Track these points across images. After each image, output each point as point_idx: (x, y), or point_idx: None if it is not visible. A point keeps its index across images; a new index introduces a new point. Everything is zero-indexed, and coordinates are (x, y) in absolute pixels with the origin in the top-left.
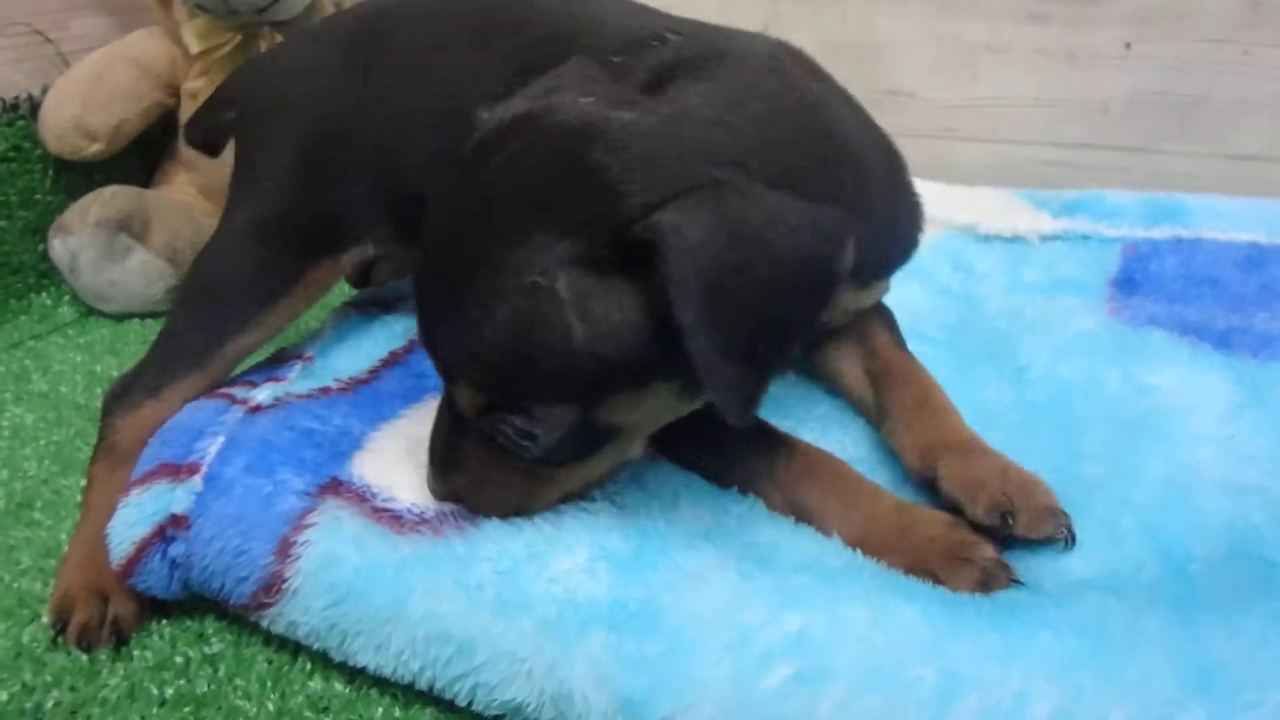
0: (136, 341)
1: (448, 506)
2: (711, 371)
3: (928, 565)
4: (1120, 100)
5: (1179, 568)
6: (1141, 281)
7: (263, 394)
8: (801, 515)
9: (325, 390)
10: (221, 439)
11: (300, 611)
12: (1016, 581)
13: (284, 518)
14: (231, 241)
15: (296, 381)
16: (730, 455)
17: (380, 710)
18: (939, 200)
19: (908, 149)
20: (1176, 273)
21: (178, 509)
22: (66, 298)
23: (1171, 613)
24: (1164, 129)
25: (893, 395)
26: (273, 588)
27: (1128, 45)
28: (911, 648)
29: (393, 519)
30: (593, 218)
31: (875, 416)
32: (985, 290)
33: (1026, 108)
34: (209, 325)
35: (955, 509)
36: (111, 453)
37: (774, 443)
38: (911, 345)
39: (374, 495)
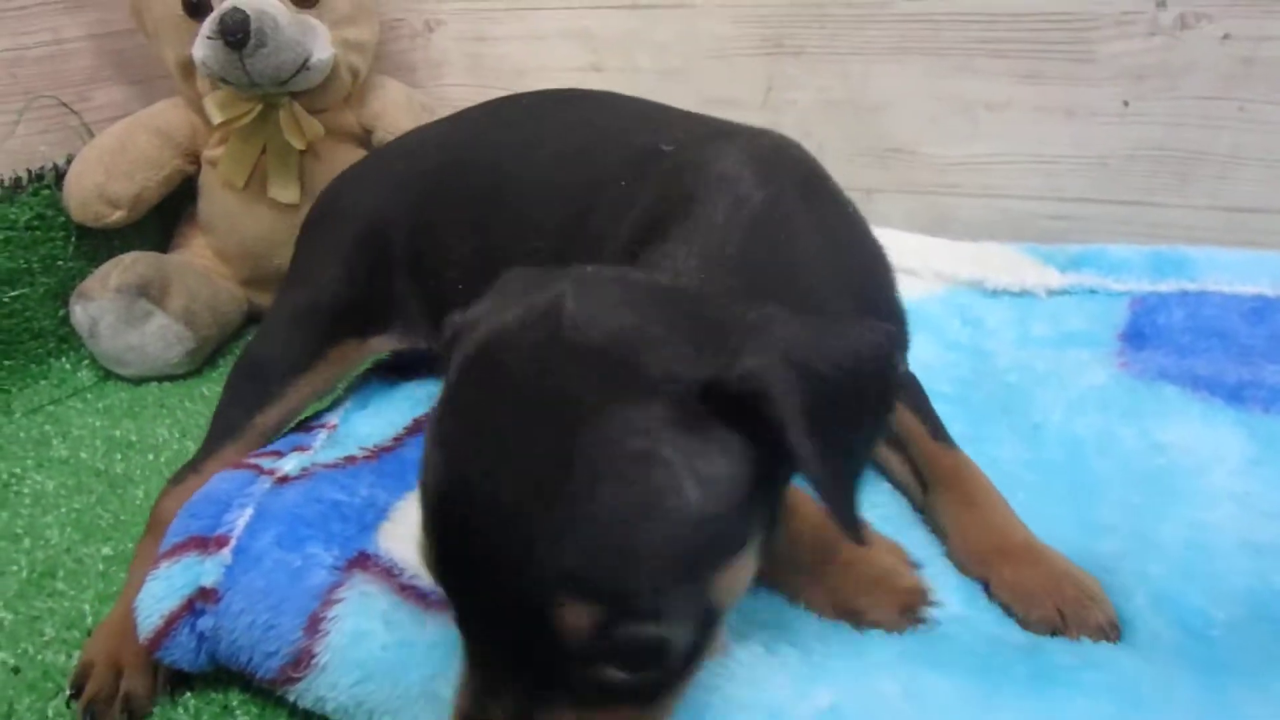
0: (154, 405)
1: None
2: (834, 493)
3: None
4: (1119, 155)
5: (1200, 634)
6: (1150, 335)
7: (289, 464)
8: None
9: (351, 459)
10: (250, 511)
11: (328, 688)
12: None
13: (313, 593)
14: (271, 326)
15: (322, 450)
16: None
17: None
18: (945, 256)
19: (911, 205)
20: (1185, 325)
21: (206, 582)
22: (85, 362)
23: (1201, 677)
24: (1163, 182)
25: (939, 494)
26: (301, 663)
27: (1125, 103)
28: None
29: (419, 596)
30: (672, 377)
31: (918, 503)
32: (995, 345)
33: (1027, 163)
34: (244, 399)
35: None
36: (155, 529)
37: None
38: None
39: (400, 571)
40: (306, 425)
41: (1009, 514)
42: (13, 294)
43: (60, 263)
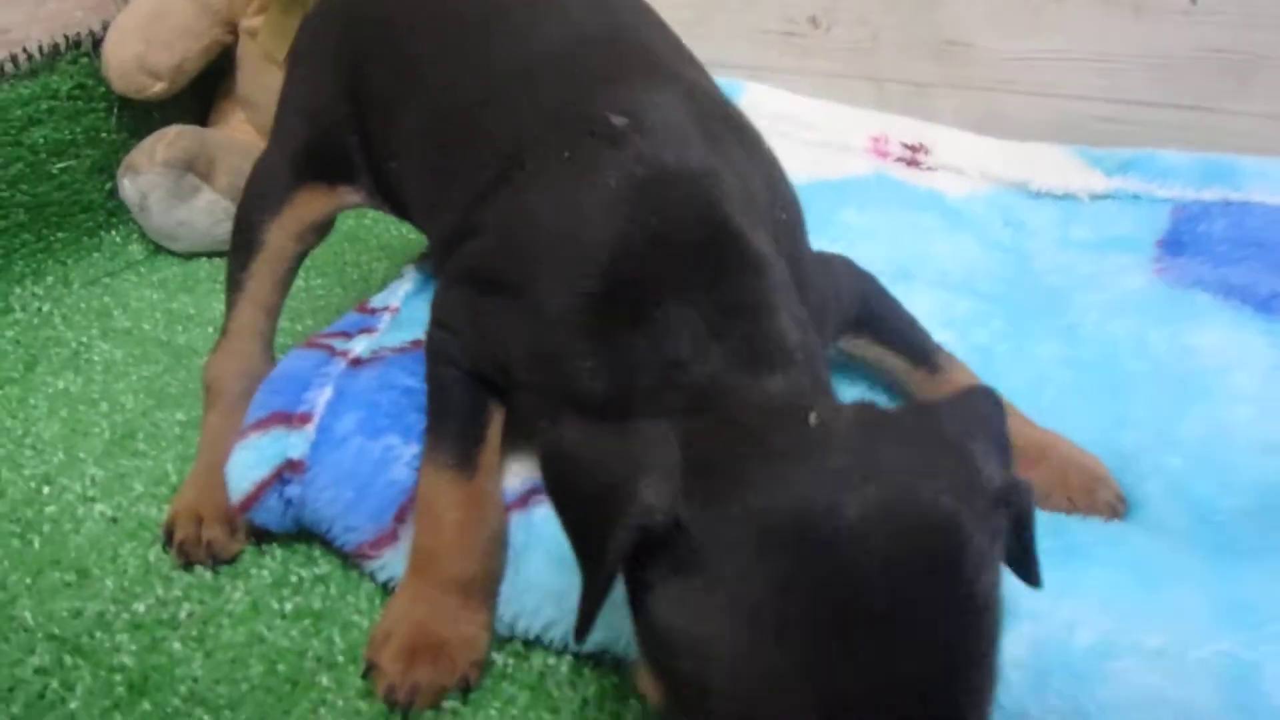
0: (207, 280)
1: (527, 483)
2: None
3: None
4: (1182, 56)
5: (1208, 519)
6: (1189, 243)
7: (359, 345)
8: (421, 511)
9: (417, 343)
10: (329, 390)
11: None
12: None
13: (400, 486)
14: (249, 180)
15: (388, 333)
16: (443, 425)
17: None
18: (993, 156)
19: (963, 101)
20: (1224, 235)
21: (294, 454)
22: (135, 235)
23: (1206, 554)
24: (1224, 86)
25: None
26: (381, 543)
27: (1192, 1)
28: None
29: None
30: (973, 489)
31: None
32: (1036, 246)
33: (1086, 61)
34: (237, 253)
35: None
36: (207, 393)
37: (474, 457)
38: (964, 300)
39: None
40: (369, 307)
41: (1014, 415)
42: (60, 165)
43: (104, 135)
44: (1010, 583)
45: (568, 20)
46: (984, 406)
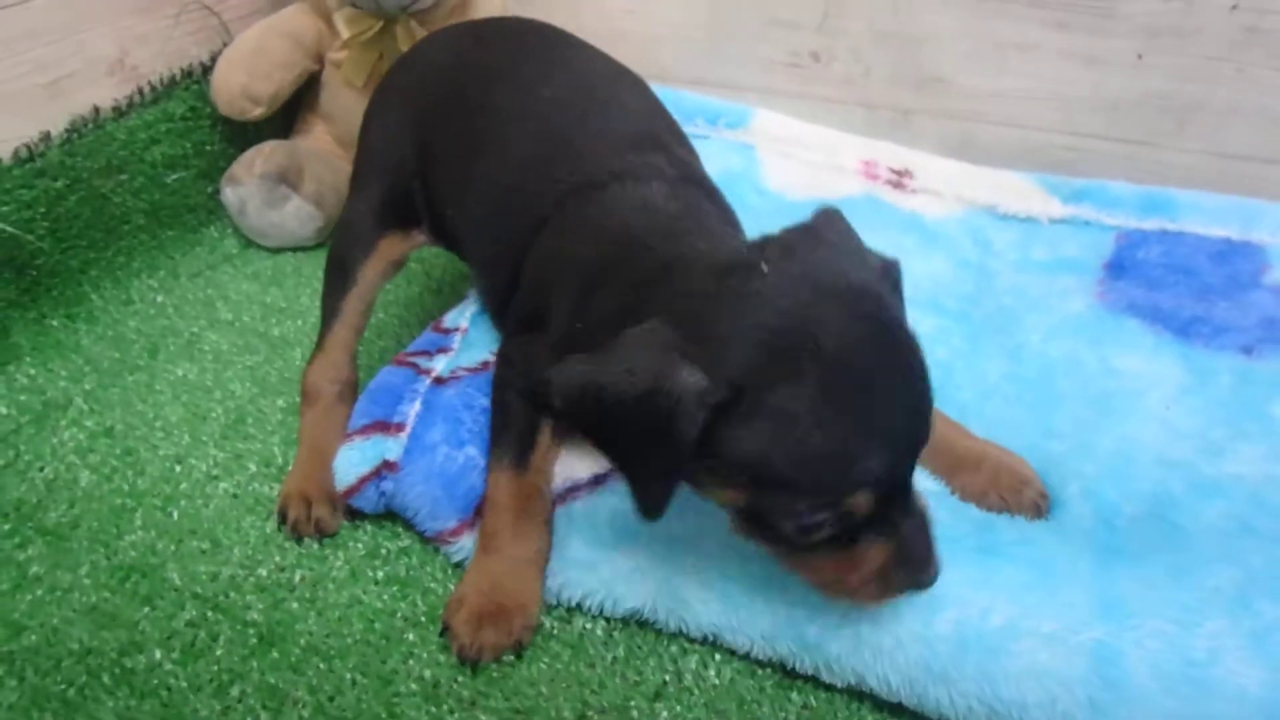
0: (293, 274)
1: (567, 482)
2: None
3: (471, 612)
4: (1129, 100)
5: (1109, 523)
6: (1129, 267)
7: (439, 364)
8: (487, 508)
9: (486, 364)
10: (418, 404)
11: None
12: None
13: (476, 492)
14: (340, 225)
15: (461, 354)
16: (503, 438)
17: None
18: (966, 181)
19: (941, 128)
20: (1159, 261)
21: (390, 457)
22: (230, 231)
23: (1098, 556)
24: (1165, 127)
25: None
26: (458, 531)
27: (1139, 55)
28: None
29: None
30: (880, 274)
31: None
32: (999, 265)
33: (1047, 100)
34: (333, 287)
35: None
36: (305, 396)
37: (527, 459)
38: (930, 318)
39: None
40: (442, 327)
41: (952, 426)
42: (173, 176)
43: (208, 148)
44: (942, 579)
45: (602, 118)
46: (841, 220)
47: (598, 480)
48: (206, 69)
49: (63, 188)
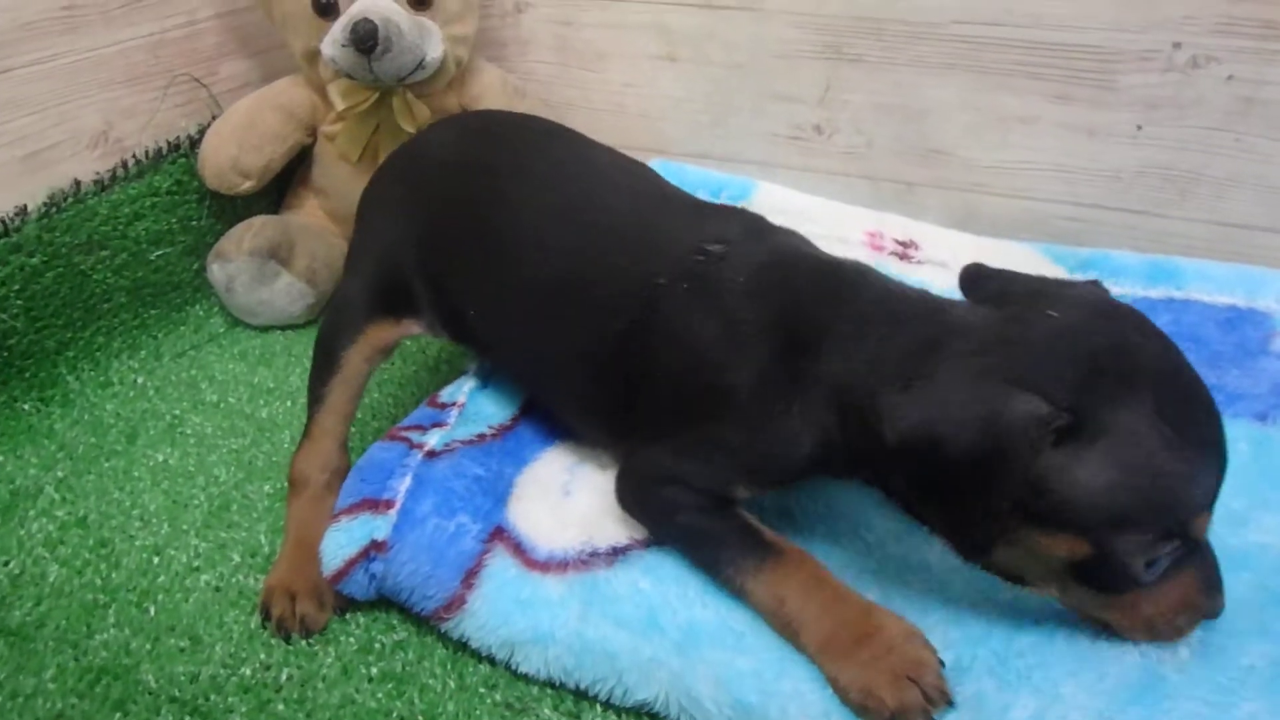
0: (283, 353)
1: (588, 546)
2: None
3: (876, 688)
4: (1130, 171)
5: None
6: None
7: (433, 439)
8: (779, 611)
9: (483, 436)
10: (409, 479)
11: (475, 628)
12: (951, 704)
13: (467, 555)
14: (330, 308)
15: (457, 427)
16: (723, 554)
17: (535, 689)
18: (972, 251)
19: (945, 199)
20: (1167, 330)
21: (379, 536)
22: (216, 309)
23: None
24: (1166, 197)
25: None
26: (453, 606)
27: (1139, 127)
28: None
29: (540, 565)
30: None
31: None
32: None
33: (1049, 171)
34: (318, 372)
35: None
36: (293, 485)
37: (765, 543)
38: None
39: (521, 542)
40: (438, 402)
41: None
42: (158, 253)
43: (195, 223)
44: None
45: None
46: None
47: (616, 552)
48: (195, 142)
49: (39, 264)
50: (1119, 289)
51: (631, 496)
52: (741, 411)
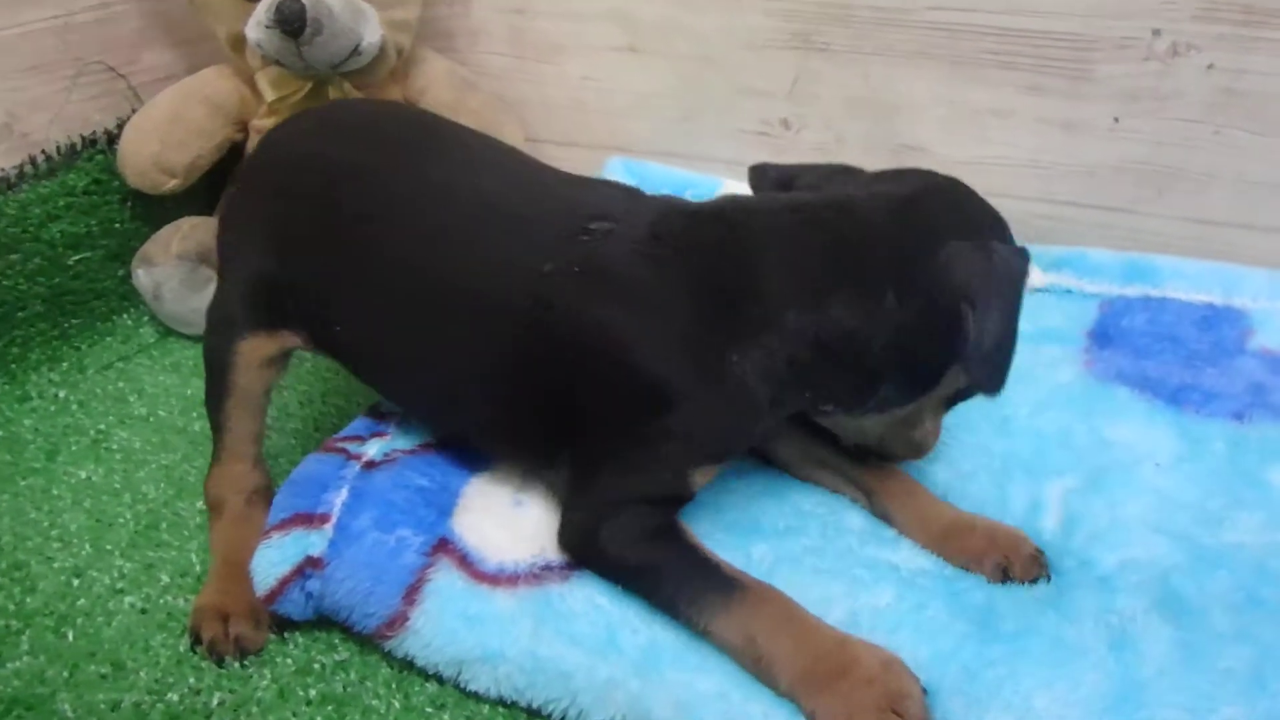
0: None
1: (539, 560)
2: None
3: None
4: (1107, 166)
5: (1109, 602)
6: (1114, 335)
7: (372, 449)
8: (749, 650)
9: (426, 445)
10: (345, 491)
11: (420, 647)
12: None
13: (409, 570)
14: (206, 325)
15: (399, 437)
16: (681, 594)
17: (486, 708)
18: None
19: None
20: (1144, 329)
21: (314, 552)
22: (146, 318)
23: (1104, 640)
24: (1143, 193)
25: (882, 498)
26: (395, 624)
27: (1116, 119)
28: None
29: (489, 578)
30: None
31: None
32: None
33: (1024, 168)
34: (213, 392)
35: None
36: (211, 509)
37: (725, 579)
38: None
39: (468, 554)
40: (378, 412)
41: (939, 502)
42: (76, 257)
43: (118, 225)
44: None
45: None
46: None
47: (571, 566)
48: (113, 137)
49: None
50: (1094, 287)
51: (579, 546)
52: (685, 397)
